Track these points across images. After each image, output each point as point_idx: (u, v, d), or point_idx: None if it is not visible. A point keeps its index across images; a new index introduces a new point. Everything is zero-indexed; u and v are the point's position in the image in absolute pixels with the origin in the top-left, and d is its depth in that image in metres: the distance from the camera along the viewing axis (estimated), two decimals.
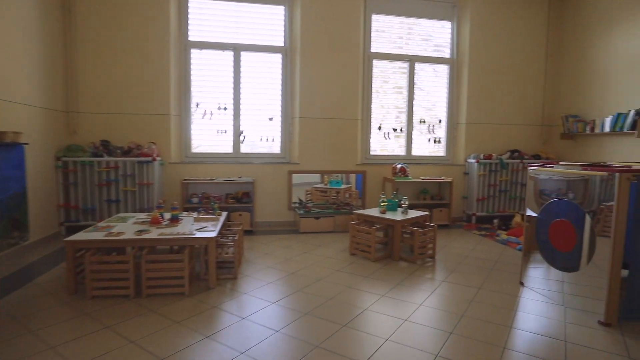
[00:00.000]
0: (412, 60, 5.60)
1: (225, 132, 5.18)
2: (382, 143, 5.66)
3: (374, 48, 5.49)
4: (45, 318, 2.43)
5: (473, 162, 5.51)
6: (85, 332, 2.26)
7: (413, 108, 5.67)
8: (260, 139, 5.29)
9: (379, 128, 5.61)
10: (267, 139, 5.31)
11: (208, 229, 3.11)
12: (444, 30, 5.73)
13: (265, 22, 5.19)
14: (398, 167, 5.23)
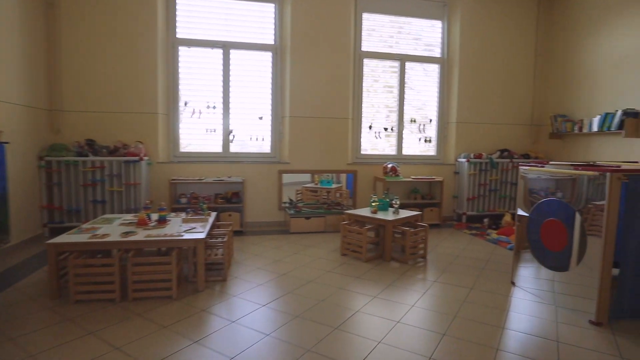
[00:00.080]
0: (402, 60, 5.59)
1: (215, 131, 5.10)
2: (372, 142, 5.63)
3: (365, 47, 5.46)
4: (26, 324, 2.33)
5: (463, 161, 5.52)
6: (68, 338, 2.17)
7: (404, 107, 5.66)
8: (250, 138, 5.22)
9: (370, 127, 5.58)
10: (257, 138, 5.24)
11: (197, 230, 3.04)
12: (435, 30, 5.73)
13: (255, 19, 5.12)
14: (389, 166, 5.21)
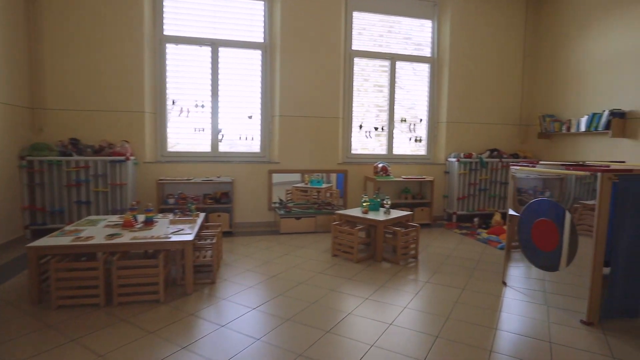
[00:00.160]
0: (393, 59, 5.57)
1: (203, 130, 5.00)
2: (363, 142, 5.60)
3: (355, 46, 5.43)
4: (5, 331, 2.24)
5: (454, 161, 5.53)
6: (49, 346, 2.09)
7: (394, 107, 5.64)
8: (240, 138, 5.14)
9: (360, 127, 5.55)
10: (246, 138, 5.16)
11: (185, 232, 2.96)
12: (425, 29, 5.73)
13: (245, 17, 5.04)
14: (380, 166, 5.19)
